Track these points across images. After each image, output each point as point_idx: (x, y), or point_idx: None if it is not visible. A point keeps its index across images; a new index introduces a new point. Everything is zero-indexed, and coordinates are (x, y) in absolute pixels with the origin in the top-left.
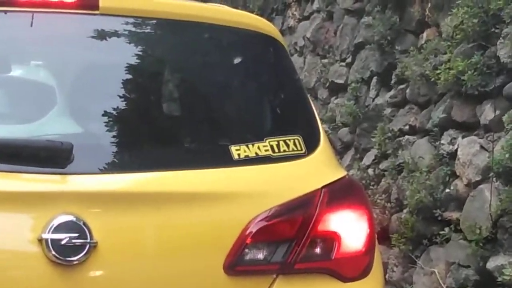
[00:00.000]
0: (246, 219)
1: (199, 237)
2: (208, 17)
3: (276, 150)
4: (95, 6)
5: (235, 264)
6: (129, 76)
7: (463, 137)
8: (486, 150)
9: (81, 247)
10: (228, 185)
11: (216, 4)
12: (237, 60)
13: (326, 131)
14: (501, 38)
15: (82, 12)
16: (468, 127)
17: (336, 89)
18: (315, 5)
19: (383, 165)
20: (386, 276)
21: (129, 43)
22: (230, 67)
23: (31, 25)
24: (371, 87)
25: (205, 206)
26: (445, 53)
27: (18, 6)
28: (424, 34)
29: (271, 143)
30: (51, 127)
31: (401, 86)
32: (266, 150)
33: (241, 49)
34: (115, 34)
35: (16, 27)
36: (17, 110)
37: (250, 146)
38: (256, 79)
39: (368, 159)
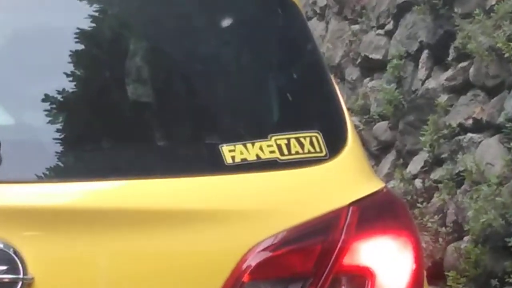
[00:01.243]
0: (242, 248)
1: (176, 273)
2: None
3: (286, 152)
4: None
5: None
6: (79, 46)
7: None
8: None
9: (11, 285)
10: (218, 200)
11: None
12: (230, 26)
13: (356, 126)
14: None
15: None
16: None
17: (371, 68)
18: None
19: (436, 174)
20: None
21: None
22: (221, 35)
23: None
24: (420, 65)
25: (185, 230)
26: None
27: None
28: None
29: (279, 142)
30: None
31: (463, 64)
32: (271, 152)
33: (236, 10)
34: None
35: None
36: None
37: (249, 145)
38: (258, 52)
39: (415, 165)
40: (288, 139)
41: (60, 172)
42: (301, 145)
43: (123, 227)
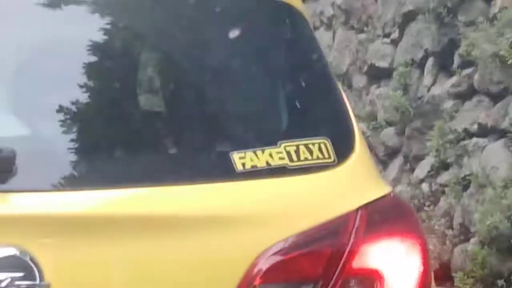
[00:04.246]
0: (253, 253)
1: (189, 277)
2: None
3: (295, 159)
4: None
5: None
6: (92, 58)
7: None
8: None
9: None
10: (229, 206)
11: None
12: (239, 36)
13: (363, 132)
14: None
15: None
16: None
17: (378, 75)
18: None
19: (443, 178)
20: None
21: (92, 12)
22: (231, 45)
23: None
24: (425, 72)
25: (197, 236)
26: None
27: None
28: (498, 0)
29: (288, 148)
30: None
31: (467, 71)
32: (281, 159)
33: (246, 21)
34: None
35: None
36: None
37: (259, 153)
38: (266, 61)
39: (422, 170)
40: (297, 146)
41: (74, 181)
42: (310, 152)
43: (137, 233)
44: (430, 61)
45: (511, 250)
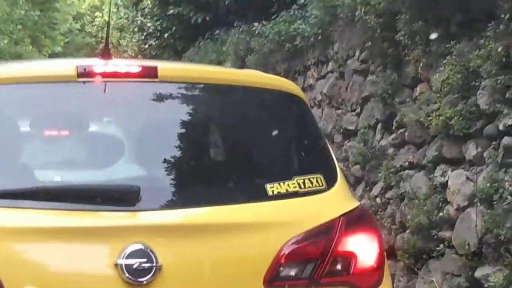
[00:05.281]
0: (280, 243)
1: (245, 258)
2: (244, 81)
3: (303, 187)
4: (155, 75)
5: (273, 280)
6: (183, 130)
7: (452, 170)
8: (471, 181)
9: (149, 269)
10: (266, 216)
11: (250, 70)
12: (268, 114)
13: (341, 169)
14: (480, 90)
15: (144, 80)
16: (456, 162)
17: (348, 134)
18: (329, 67)
19: (388, 194)
20: (394, 286)
21: (182, 103)
22: (263, 119)
23: (104, 91)
24: (376, 132)
25: (249, 233)
26: (435, 103)
27: (94, 77)
28: (418, 88)
29: (298, 181)
30: (121, 172)
31: (401, 130)
32: (294, 187)
33: (271, 105)
34: (171, 96)
35: (93, 93)
36: (95, 158)
37: (281, 183)
38: (284, 129)
39: (376, 190)
40: (304, 179)
41: (175, 203)
42: (311, 182)
43: (215, 234)
44: (379, 125)
45: (430, 237)
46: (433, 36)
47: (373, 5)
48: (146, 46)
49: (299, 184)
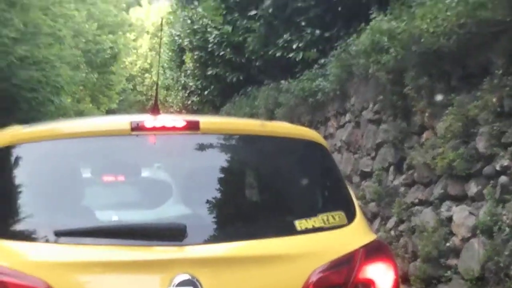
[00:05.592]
0: (309, 272)
1: (279, 286)
2: (274, 131)
3: (327, 222)
4: (197, 128)
5: None
6: (222, 174)
7: (456, 206)
8: (473, 215)
9: None
10: (295, 248)
11: (278, 122)
12: (296, 160)
13: (359, 206)
14: (478, 135)
15: (188, 132)
16: (459, 199)
17: (365, 176)
18: (347, 117)
19: (401, 228)
20: None
21: (221, 151)
22: (291, 164)
23: (154, 142)
24: (389, 173)
25: (282, 264)
26: (440, 147)
27: (146, 130)
28: (424, 135)
29: (323, 217)
30: (170, 211)
31: (411, 172)
32: (319, 223)
33: (298, 152)
34: (211, 146)
35: (144, 144)
36: (146, 199)
37: (308, 220)
38: (309, 172)
39: (390, 224)
40: (327, 215)
41: (217, 238)
42: (334, 218)
43: (252, 264)
44: (392, 168)
45: (439, 265)
46: (439, 97)
47: (383, 63)
48: (189, 102)
49: (323, 220)
